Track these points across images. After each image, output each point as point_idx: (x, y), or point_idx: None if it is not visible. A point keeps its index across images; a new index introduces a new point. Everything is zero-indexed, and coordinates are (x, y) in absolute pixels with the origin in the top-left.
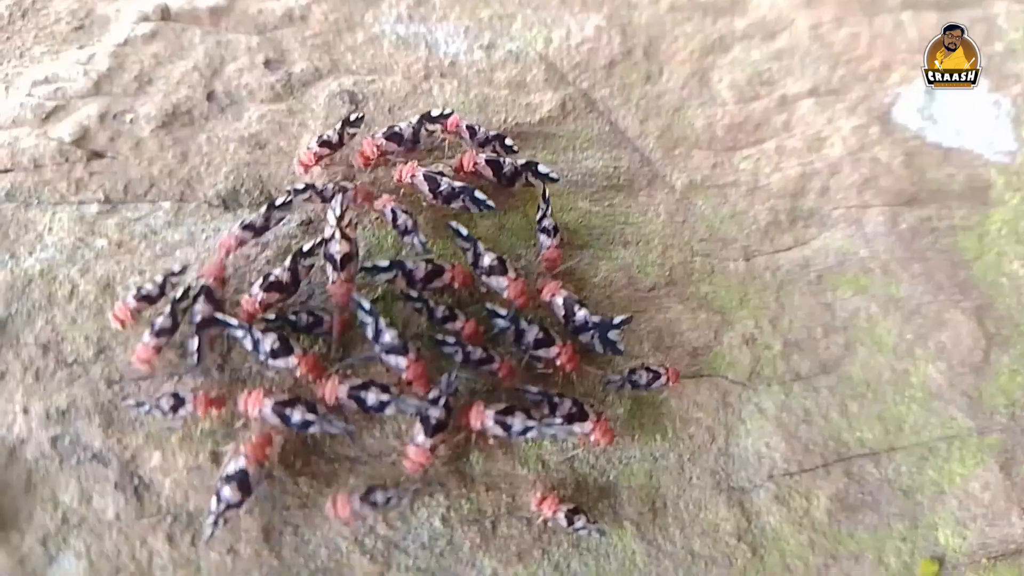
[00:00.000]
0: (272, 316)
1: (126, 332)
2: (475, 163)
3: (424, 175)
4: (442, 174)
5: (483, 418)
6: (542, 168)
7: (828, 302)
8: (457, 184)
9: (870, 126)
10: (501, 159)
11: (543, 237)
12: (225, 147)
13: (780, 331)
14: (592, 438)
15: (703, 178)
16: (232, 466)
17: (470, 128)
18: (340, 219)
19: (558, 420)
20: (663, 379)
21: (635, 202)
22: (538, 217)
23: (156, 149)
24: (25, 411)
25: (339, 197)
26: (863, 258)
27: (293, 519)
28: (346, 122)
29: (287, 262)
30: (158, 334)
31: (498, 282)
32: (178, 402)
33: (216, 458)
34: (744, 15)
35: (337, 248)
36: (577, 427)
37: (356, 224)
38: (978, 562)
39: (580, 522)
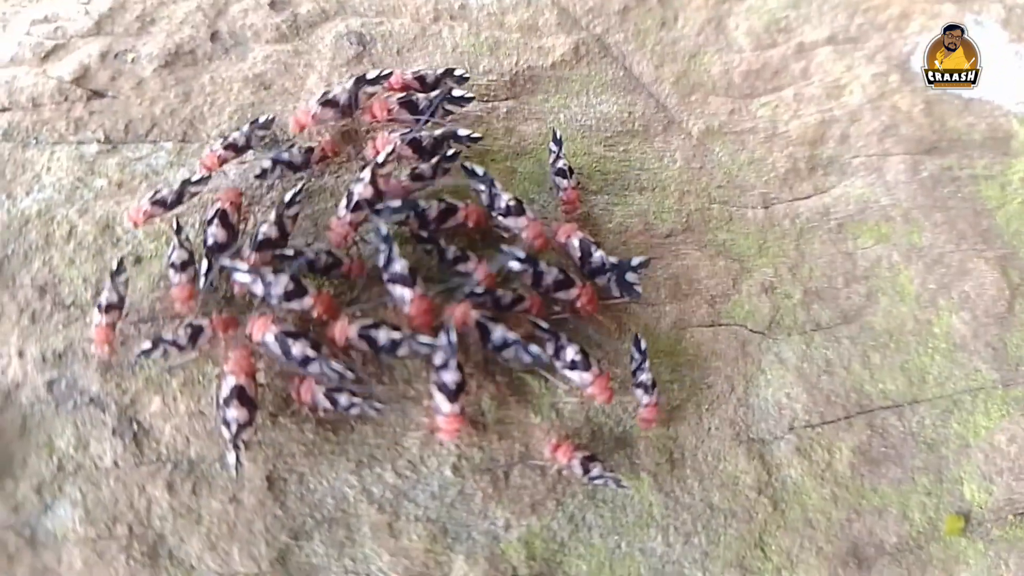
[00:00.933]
0: (290, 252)
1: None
2: (393, 144)
3: (403, 141)
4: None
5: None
6: (461, 132)
7: (849, 251)
8: (437, 133)
9: (890, 74)
10: (419, 135)
11: (559, 179)
12: (229, 87)
13: (800, 280)
14: (589, 391)
15: (720, 124)
16: (226, 387)
17: (419, 77)
18: (380, 165)
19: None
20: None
21: (651, 148)
22: (551, 160)
23: (158, 89)
24: (20, 354)
25: (394, 142)
26: (884, 206)
27: (298, 467)
28: (254, 124)
29: (272, 216)
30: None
31: (516, 223)
32: (196, 331)
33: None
34: None
35: (360, 190)
36: (577, 376)
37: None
38: (1004, 519)
39: (596, 470)
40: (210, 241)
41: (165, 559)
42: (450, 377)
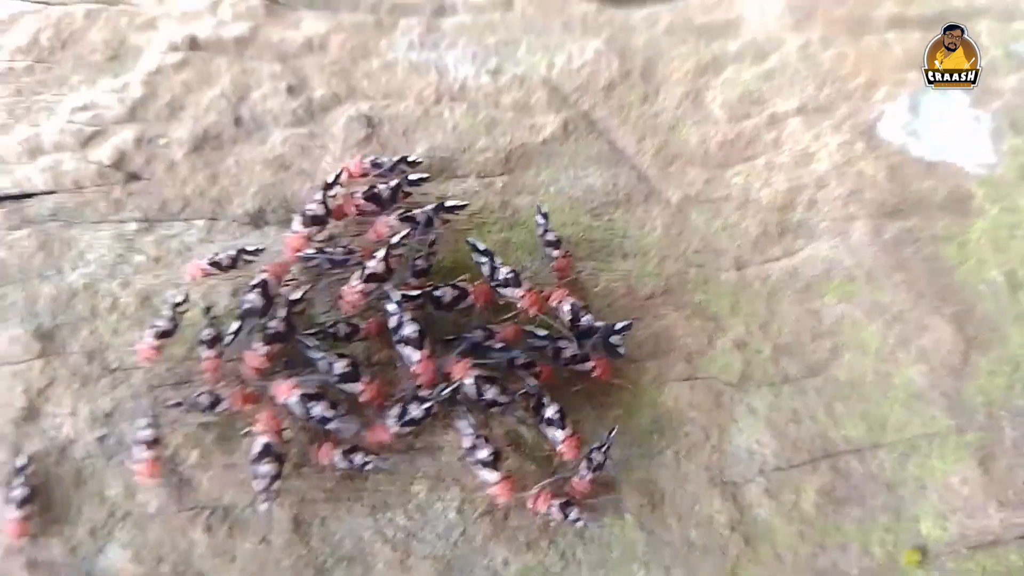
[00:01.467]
0: (313, 331)
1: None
2: (356, 204)
3: (399, 220)
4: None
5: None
6: (449, 203)
7: (815, 309)
8: (428, 208)
9: (855, 142)
10: (376, 188)
11: (549, 250)
12: (252, 168)
13: (770, 336)
14: (559, 448)
15: (697, 193)
16: (256, 446)
17: (375, 163)
18: (393, 247)
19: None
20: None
21: (633, 216)
22: (539, 232)
23: (188, 171)
24: (73, 414)
25: (404, 231)
26: (848, 267)
27: (320, 511)
28: (242, 251)
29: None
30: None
31: (512, 293)
32: (216, 400)
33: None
34: (736, 37)
35: (374, 265)
36: (550, 432)
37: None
38: (958, 552)
39: (573, 513)
40: (245, 306)
41: None
42: (483, 453)
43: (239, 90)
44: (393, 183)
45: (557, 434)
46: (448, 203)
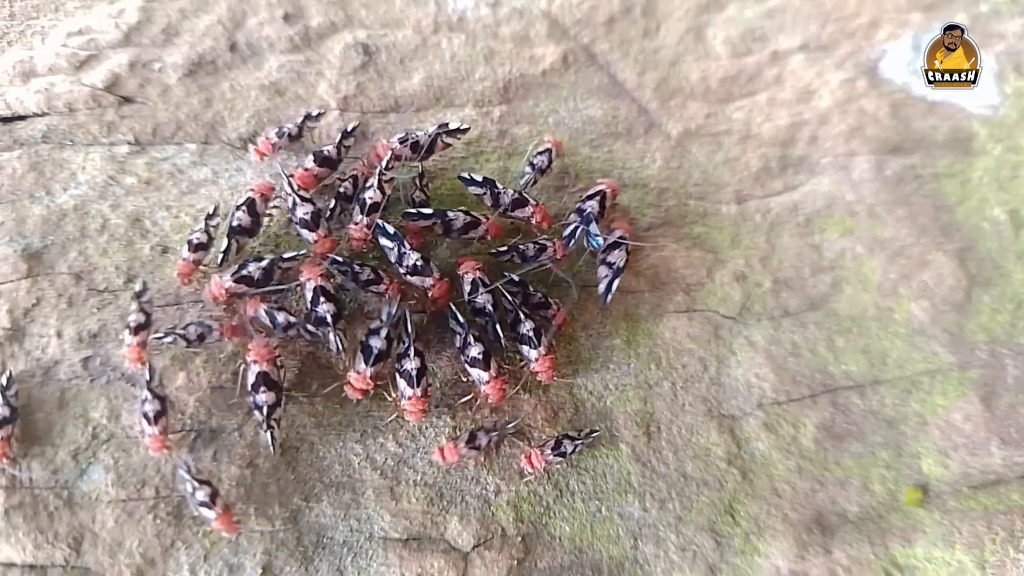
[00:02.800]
0: (340, 259)
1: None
2: (391, 148)
3: (399, 141)
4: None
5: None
6: (452, 125)
7: (816, 243)
8: (430, 130)
9: (857, 79)
10: (415, 135)
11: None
12: (246, 94)
13: (770, 269)
14: (532, 366)
15: (698, 127)
16: (251, 375)
17: (411, 143)
18: (382, 172)
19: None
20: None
21: (633, 148)
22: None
23: (182, 95)
24: (59, 335)
25: (389, 154)
26: (850, 202)
27: (309, 437)
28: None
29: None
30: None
31: (523, 212)
32: (205, 331)
33: (236, 378)
34: None
35: (371, 195)
36: (525, 350)
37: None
38: (960, 491)
39: (570, 447)
40: (234, 223)
41: (188, 519)
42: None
43: (235, 17)
44: (432, 131)
45: (531, 353)
46: (451, 125)
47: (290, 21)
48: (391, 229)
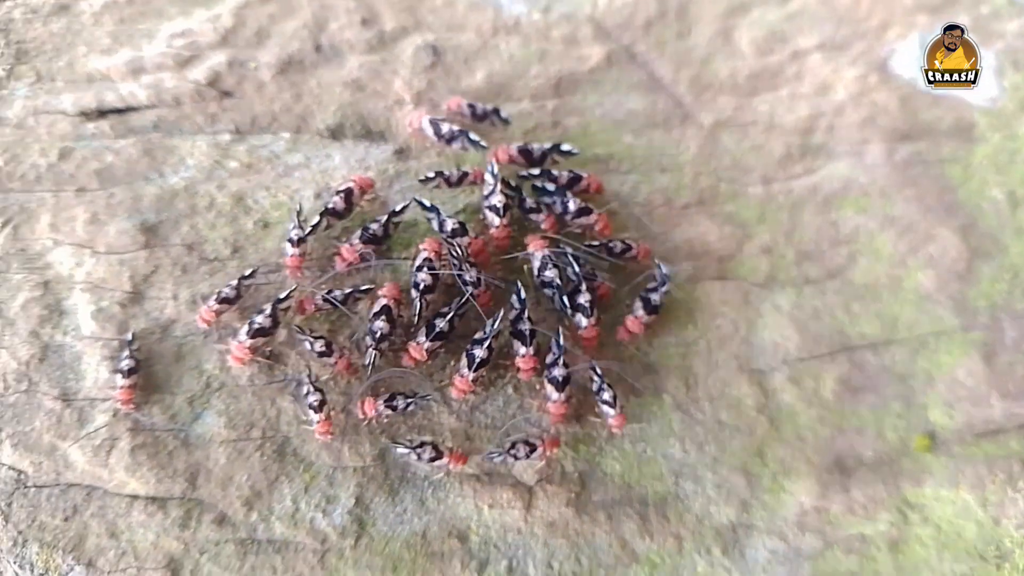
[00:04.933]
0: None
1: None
2: (509, 153)
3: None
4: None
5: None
6: (564, 147)
7: (834, 220)
8: (546, 145)
9: (869, 75)
10: (531, 146)
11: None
12: (331, 89)
13: (793, 243)
14: (581, 332)
15: (727, 118)
16: (377, 305)
17: (524, 151)
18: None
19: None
20: (539, 450)
21: (670, 137)
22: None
23: (275, 91)
24: (174, 297)
25: (510, 151)
26: (863, 184)
27: (394, 386)
28: (242, 277)
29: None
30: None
31: (587, 220)
32: (328, 348)
33: (328, 342)
34: None
35: (498, 200)
36: (579, 318)
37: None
38: (964, 439)
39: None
40: (330, 205)
41: (291, 456)
42: (523, 326)
43: (318, 21)
44: (547, 146)
45: (583, 321)
46: (563, 147)
47: (367, 25)
48: (427, 202)
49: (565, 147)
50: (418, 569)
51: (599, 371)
